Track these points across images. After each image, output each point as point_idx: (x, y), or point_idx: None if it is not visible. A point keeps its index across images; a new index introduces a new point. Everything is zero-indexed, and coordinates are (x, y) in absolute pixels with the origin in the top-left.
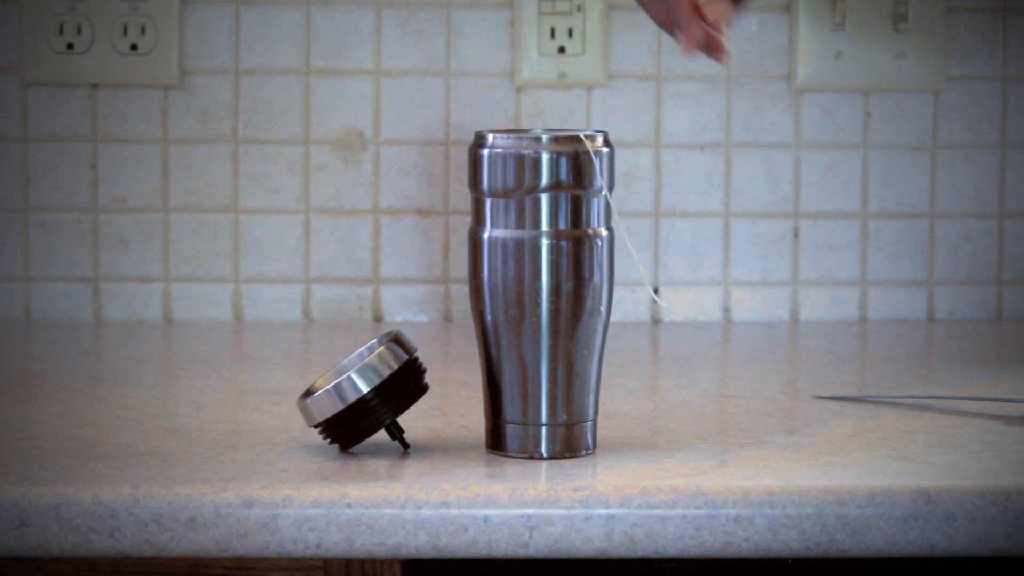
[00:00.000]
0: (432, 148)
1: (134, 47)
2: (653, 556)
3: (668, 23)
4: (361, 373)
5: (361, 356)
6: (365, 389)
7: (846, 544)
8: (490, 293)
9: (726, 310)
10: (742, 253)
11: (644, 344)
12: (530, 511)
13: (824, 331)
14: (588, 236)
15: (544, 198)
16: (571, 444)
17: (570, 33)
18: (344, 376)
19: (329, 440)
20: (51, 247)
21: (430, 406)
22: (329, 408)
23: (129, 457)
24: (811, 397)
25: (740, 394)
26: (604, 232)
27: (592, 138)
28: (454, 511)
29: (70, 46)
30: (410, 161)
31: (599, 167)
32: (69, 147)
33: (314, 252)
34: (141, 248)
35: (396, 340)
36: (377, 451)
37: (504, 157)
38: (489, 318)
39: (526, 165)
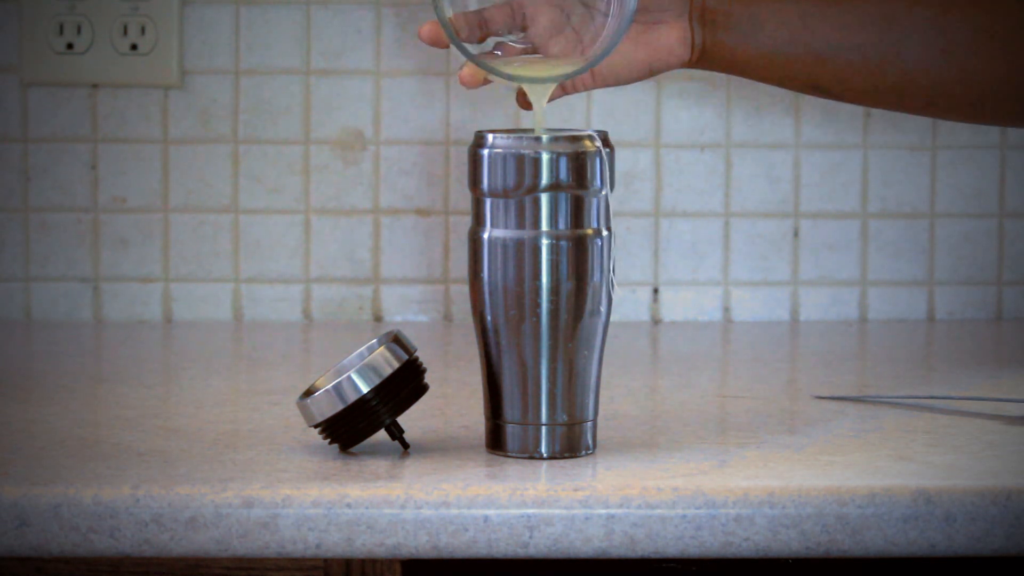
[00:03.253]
0: (432, 148)
1: (134, 47)
2: (653, 556)
3: None
4: (361, 373)
5: (361, 356)
6: (365, 389)
7: (846, 544)
8: (490, 293)
9: (726, 310)
10: (742, 253)
11: (644, 344)
12: (530, 511)
13: (824, 331)
14: (588, 236)
15: (544, 198)
16: (571, 444)
17: None
18: (344, 376)
19: (329, 440)
20: (51, 247)
21: (430, 406)
22: (329, 408)
23: (129, 457)
24: (811, 397)
25: (740, 394)
26: (604, 232)
27: (592, 138)
28: (454, 511)
29: (70, 46)
30: (410, 161)
31: (599, 167)
32: (69, 147)
33: (314, 252)
34: (141, 248)
35: (396, 340)
36: (377, 451)
37: (504, 157)
38: (489, 318)
39: (526, 165)
